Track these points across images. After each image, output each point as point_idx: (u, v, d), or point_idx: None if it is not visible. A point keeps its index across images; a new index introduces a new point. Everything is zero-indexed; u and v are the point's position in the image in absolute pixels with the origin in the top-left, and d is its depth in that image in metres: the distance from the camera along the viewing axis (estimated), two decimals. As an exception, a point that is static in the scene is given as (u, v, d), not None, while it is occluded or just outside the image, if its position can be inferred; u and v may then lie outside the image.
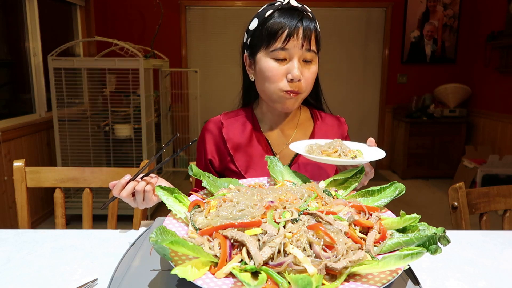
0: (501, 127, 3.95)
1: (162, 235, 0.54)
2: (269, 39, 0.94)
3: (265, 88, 0.99)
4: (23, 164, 1.22)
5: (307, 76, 0.96)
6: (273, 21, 0.94)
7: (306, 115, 1.14)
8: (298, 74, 0.93)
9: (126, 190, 0.86)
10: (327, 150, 0.89)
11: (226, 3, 4.40)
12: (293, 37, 0.92)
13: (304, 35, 0.93)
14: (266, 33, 0.95)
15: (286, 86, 0.95)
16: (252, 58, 1.01)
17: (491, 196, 1.17)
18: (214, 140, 1.06)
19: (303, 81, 0.96)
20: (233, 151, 1.03)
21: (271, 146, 1.07)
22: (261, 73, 0.98)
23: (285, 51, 0.93)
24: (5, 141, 2.65)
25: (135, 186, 0.86)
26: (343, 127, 1.15)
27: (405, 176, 4.42)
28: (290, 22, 0.93)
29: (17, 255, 0.83)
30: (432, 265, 0.79)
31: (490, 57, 4.12)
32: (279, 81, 0.95)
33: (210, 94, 4.53)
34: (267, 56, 0.96)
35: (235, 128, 1.06)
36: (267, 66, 0.95)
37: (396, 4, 4.49)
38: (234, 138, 1.05)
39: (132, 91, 2.99)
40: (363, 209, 0.68)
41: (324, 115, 1.15)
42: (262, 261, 0.54)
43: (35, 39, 3.13)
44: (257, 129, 1.07)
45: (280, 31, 0.93)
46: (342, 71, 4.64)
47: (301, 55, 0.94)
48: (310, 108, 1.16)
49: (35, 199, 3.02)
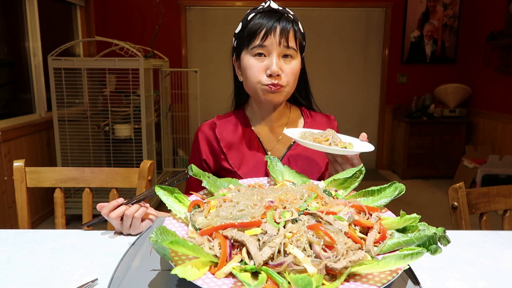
0: (501, 127, 3.95)
1: (162, 235, 0.54)
2: (249, 39, 1.00)
3: (249, 85, 1.04)
4: (23, 164, 1.22)
5: (287, 71, 1.00)
6: (253, 22, 1.00)
7: (296, 114, 1.18)
8: (276, 69, 0.98)
9: (116, 212, 0.88)
10: (319, 138, 0.93)
11: (226, 3, 4.40)
12: (270, 35, 0.98)
13: (281, 32, 0.98)
14: (247, 34, 1.01)
15: (266, 80, 1.00)
16: (238, 60, 1.07)
17: (491, 196, 1.17)
18: (207, 140, 1.11)
19: (283, 76, 1.00)
20: (226, 149, 1.08)
21: (262, 143, 1.10)
22: (245, 71, 1.03)
23: (263, 48, 0.99)
24: (5, 141, 2.65)
25: (126, 210, 0.88)
26: (333, 123, 1.19)
27: (405, 176, 4.42)
28: (268, 22, 0.98)
29: (17, 255, 0.83)
30: (432, 265, 0.79)
31: (490, 57, 4.12)
32: (260, 76, 1.00)
33: (210, 94, 4.53)
34: (248, 54, 1.01)
35: (227, 127, 1.11)
36: (248, 63, 1.01)
37: (396, 4, 4.49)
38: (227, 137, 1.09)
39: (132, 91, 2.99)
40: (363, 209, 0.68)
41: (314, 113, 1.19)
42: (262, 261, 0.54)
43: (35, 39, 3.13)
44: (248, 128, 1.12)
45: (258, 30, 0.99)
46: (342, 71, 4.64)
47: (279, 51, 0.99)
48: (300, 108, 1.19)
49: (35, 199, 3.02)
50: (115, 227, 0.91)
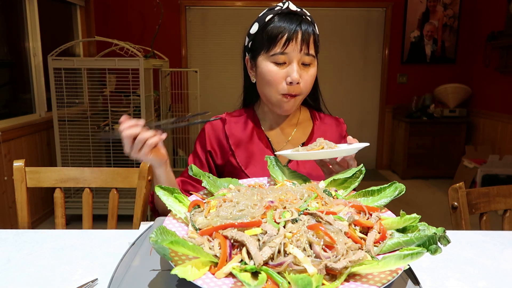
0: (501, 127, 3.95)
1: (162, 235, 0.54)
2: (269, 44, 0.98)
3: (265, 91, 1.03)
4: (23, 164, 1.22)
5: (305, 78, 1.00)
6: (273, 25, 0.98)
7: (305, 115, 1.17)
8: (297, 77, 0.97)
9: (129, 131, 0.84)
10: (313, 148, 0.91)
11: (226, 3, 4.40)
12: (292, 41, 0.96)
13: (302, 38, 0.96)
14: (266, 38, 0.98)
15: (284, 89, 0.99)
16: (253, 61, 1.05)
17: (491, 196, 1.17)
18: (216, 134, 1.10)
19: (302, 84, 0.99)
20: (234, 146, 1.07)
21: (271, 144, 1.10)
22: (262, 76, 1.01)
23: (284, 55, 0.97)
24: (5, 141, 2.65)
25: (141, 132, 0.85)
26: (342, 126, 1.18)
27: (405, 176, 4.42)
28: (289, 26, 0.96)
29: (17, 255, 0.83)
30: (432, 265, 0.79)
31: (490, 57, 4.11)
32: (278, 84, 0.99)
33: (210, 94, 4.53)
34: (267, 60, 0.99)
35: (237, 125, 1.10)
36: (268, 70, 0.99)
37: (396, 4, 4.48)
38: (236, 134, 1.09)
39: (132, 91, 2.99)
40: (363, 209, 0.68)
41: (323, 115, 1.19)
42: (262, 261, 0.54)
43: (35, 39, 3.13)
44: (258, 128, 1.11)
45: (279, 35, 0.96)
46: (342, 71, 4.64)
47: (300, 58, 0.98)
48: (309, 109, 1.19)
49: (35, 199, 3.02)
50: (125, 146, 0.88)
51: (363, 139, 1.04)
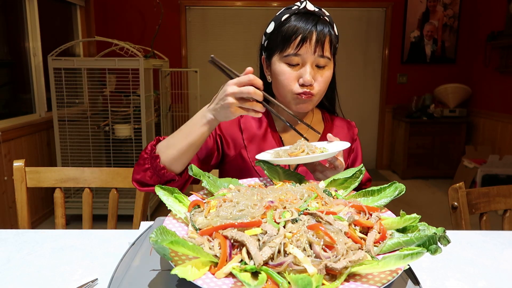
0: (501, 127, 3.95)
1: (162, 235, 0.54)
2: (283, 44, 0.97)
3: (279, 91, 1.02)
4: (23, 164, 1.22)
5: (319, 80, 0.98)
6: (288, 25, 0.96)
7: (317, 117, 1.17)
8: (310, 79, 0.96)
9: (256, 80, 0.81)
10: (294, 152, 0.89)
11: (226, 3, 4.40)
12: (306, 42, 0.94)
13: (317, 39, 0.94)
14: (280, 38, 0.97)
15: (298, 89, 0.98)
16: (268, 61, 1.05)
17: (491, 196, 1.17)
18: (230, 124, 1.09)
19: (315, 85, 0.98)
20: (247, 141, 1.07)
21: (284, 144, 1.10)
22: (275, 76, 1.01)
23: (298, 56, 0.96)
24: (5, 141, 2.65)
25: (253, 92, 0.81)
26: (353, 130, 1.19)
27: (405, 176, 4.42)
28: (304, 26, 0.94)
29: (17, 255, 0.83)
30: (432, 265, 0.79)
31: (490, 57, 4.12)
32: (291, 85, 0.98)
33: (210, 94, 4.50)
34: (281, 61, 0.99)
35: (252, 122, 1.10)
36: (281, 70, 0.98)
37: (396, 4, 4.48)
38: (251, 129, 1.09)
39: (132, 91, 2.99)
40: (363, 209, 0.68)
41: (335, 118, 1.19)
42: (262, 261, 0.54)
43: (35, 39, 3.13)
44: (272, 127, 1.11)
45: (293, 36, 0.95)
46: (342, 71, 4.64)
47: (313, 60, 0.96)
48: (322, 111, 1.19)
49: (35, 199, 3.02)
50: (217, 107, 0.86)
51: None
